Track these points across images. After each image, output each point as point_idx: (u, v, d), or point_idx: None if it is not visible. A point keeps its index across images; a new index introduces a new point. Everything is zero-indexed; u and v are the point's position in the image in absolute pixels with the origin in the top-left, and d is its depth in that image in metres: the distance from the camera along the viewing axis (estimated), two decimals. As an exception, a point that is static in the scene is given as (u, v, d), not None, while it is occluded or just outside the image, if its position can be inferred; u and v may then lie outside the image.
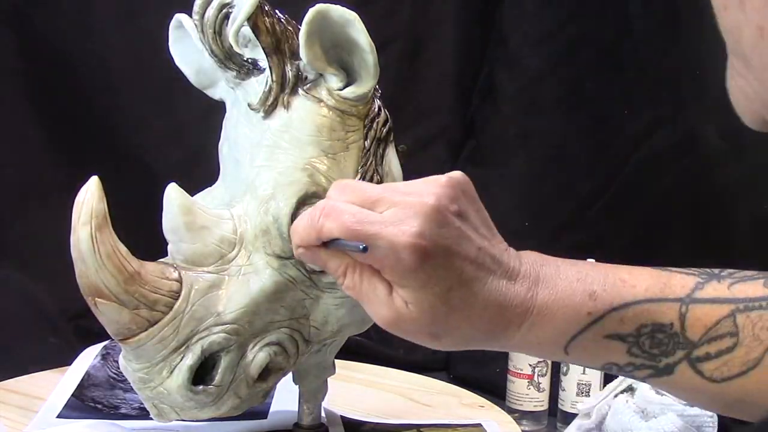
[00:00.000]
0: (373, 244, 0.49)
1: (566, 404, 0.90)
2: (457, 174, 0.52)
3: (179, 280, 0.58)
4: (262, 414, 0.77)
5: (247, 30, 0.60)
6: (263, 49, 0.60)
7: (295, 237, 0.54)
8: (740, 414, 0.54)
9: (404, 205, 0.49)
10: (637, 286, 0.52)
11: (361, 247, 0.49)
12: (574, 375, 0.89)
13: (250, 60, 0.63)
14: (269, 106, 0.61)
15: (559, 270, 0.52)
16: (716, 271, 0.53)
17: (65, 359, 0.90)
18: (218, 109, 0.68)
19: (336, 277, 0.53)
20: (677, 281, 0.52)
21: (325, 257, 0.53)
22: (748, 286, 0.52)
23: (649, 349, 0.51)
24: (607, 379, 0.85)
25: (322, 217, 0.51)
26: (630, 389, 0.73)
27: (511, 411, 0.91)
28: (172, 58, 0.67)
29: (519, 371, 0.91)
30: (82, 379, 0.84)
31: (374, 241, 0.49)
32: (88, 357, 0.88)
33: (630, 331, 0.51)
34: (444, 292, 0.49)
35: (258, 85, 0.62)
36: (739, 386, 0.51)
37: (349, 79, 0.61)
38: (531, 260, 0.53)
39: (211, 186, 0.66)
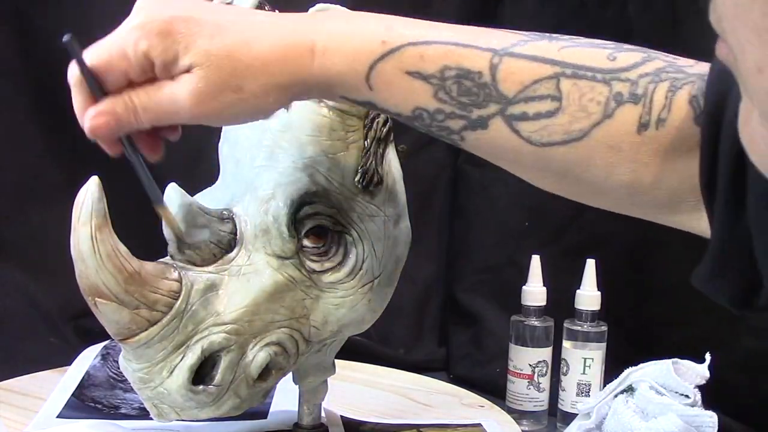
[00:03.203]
0: (129, 61, 0.49)
1: (566, 404, 0.90)
2: None
3: (179, 280, 0.58)
4: (262, 414, 0.77)
5: (247, 30, 0.60)
6: (263, 49, 0.60)
7: (76, 107, 0.52)
8: (574, 188, 0.51)
9: (124, 27, 0.50)
10: (443, 31, 0.49)
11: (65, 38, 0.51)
12: (574, 375, 0.89)
13: (250, 60, 0.63)
14: (269, 106, 0.61)
15: (353, 13, 0.52)
16: (556, 35, 0.50)
17: (65, 359, 0.90)
18: (218, 109, 0.67)
19: (130, 115, 0.50)
20: (495, 35, 0.49)
21: (111, 106, 0.50)
22: (585, 52, 0.48)
23: (457, 96, 0.48)
24: (607, 379, 0.85)
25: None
26: (630, 389, 0.73)
27: (511, 411, 0.91)
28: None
29: (519, 371, 0.91)
30: (82, 379, 0.84)
31: (125, 57, 0.49)
32: (88, 357, 0.89)
33: (433, 72, 0.48)
34: (209, 39, 0.48)
35: (258, 85, 0.62)
36: (561, 155, 0.48)
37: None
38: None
39: (211, 186, 0.66)
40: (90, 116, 0.50)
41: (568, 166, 0.49)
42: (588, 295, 0.90)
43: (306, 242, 0.61)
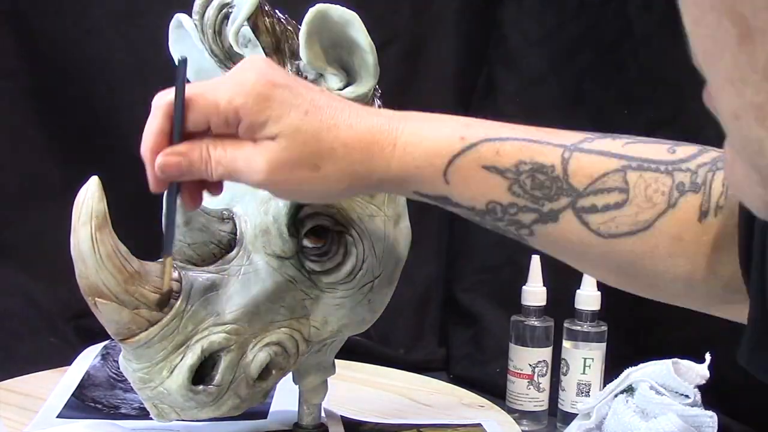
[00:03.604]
0: (217, 110, 0.49)
1: (566, 404, 0.90)
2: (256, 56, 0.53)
3: (179, 280, 0.58)
4: (262, 414, 0.77)
5: (247, 30, 0.60)
6: (263, 49, 0.60)
7: (145, 148, 0.52)
8: (633, 282, 0.52)
9: (227, 79, 0.51)
10: (518, 130, 0.51)
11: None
12: (574, 375, 0.89)
13: (250, 60, 0.63)
14: (269, 106, 0.61)
15: (429, 114, 0.53)
16: (617, 134, 0.51)
17: (65, 359, 0.90)
18: (218, 109, 0.67)
19: (202, 163, 0.51)
20: (565, 134, 0.51)
21: (185, 151, 0.51)
22: (648, 147, 0.50)
23: (531, 189, 0.49)
24: (607, 379, 0.85)
25: (158, 101, 0.51)
26: (630, 389, 0.73)
27: (511, 411, 0.91)
28: (172, 58, 0.67)
29: (519, 371, 0.91)
30: (82, 379, 0.84)
31: (215, 106, 0.49)
32: (88, 357, 0.89)
33: (509, 166, 0.49)
34: (302, 115, 0.49)
35: (258, 85, 0.62)
36: (626, 247, 0.49)
37: (349, 79, 0.61)
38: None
39: (211, 186, 0.66)
40: (165, 153, 0.51)
41: (631, 258, 0.49)
42: (588, 295, 0.90)
43: (306, 242, 0.61)
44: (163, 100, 0.51)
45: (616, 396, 0.74)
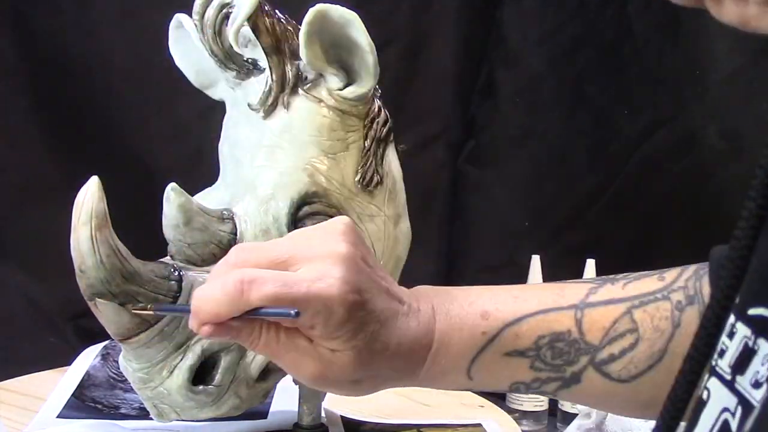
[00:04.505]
0: (305, 307, 0.45)
1: (566, 404, 0.90)
2: (345, 219, 0.50)
3: (179, 280, 0.58)
4: (262, 414, 0.77)
5: (247, 30, 0.60)
6: (263, 49, 0.60)
7: (205, 314, 0.45)
8: (654, 413, 0.53)
9: (318, 259, 0.46)
10: (529, 301, 0.52)
11: (293, 312, 0.44)
12: (574, 375, 0.89)
13: (250, 60, 0.63)
14: (269, 106, 0.61)
15: (450, 297, 0.52)
16: (611, 276, 0.54)
17: (65, 359, 0.90)
18: (218, 109, 0.68)
19: (248, 343, 0.47)
20: (570, 290, 0.53)
21: (237, 327, 0.46)
22: (642, 282, 0.52)
23: (551, 360, 0.51)
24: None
25: (245, 287, 0.44)
26: (630, 389, 0.73)
27: (511, 411, 0.91)
28: (172, 58, 0.67)
29: (519, 371, 0.91)
30: (82, 379, 0.84)
31: (306, 302, 0.45)
32: (88, 357, 0.88)
33: (529, 345, 0.51)
34: (368, 336, 0.47)
35: (258, 85, 0.62)
36: (649, 382, 0.51)
37: (349, 79, 0.61)
38: (424, 293, 0.52)
39: (211, 186, 0.66)
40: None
41: (655, 391, 0.50)
42: (588, 295, 0.90)
43: (306, 242, 0.61)
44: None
45: (616, 396, 0.74)
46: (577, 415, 0.77)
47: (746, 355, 0.37)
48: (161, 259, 0.60)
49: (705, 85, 0.95)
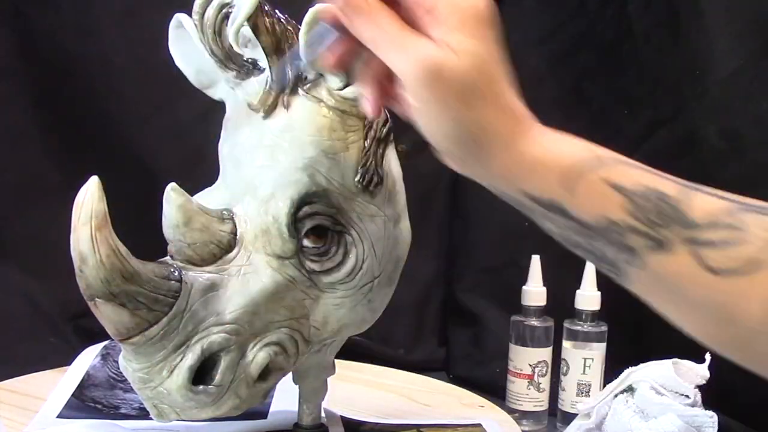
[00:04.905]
0: None
1: (566, 404, 0.90)
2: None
3: (179, 280, 0.58)
4: (262, 414, 0.77)
5: (247, 30, 0.60)
6: (263, 49, 0.60)
7: None
8: (717, 332, 0.50)
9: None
10: (642, 165, 0.51)
11: None
12: (574, 375, 0.89)
13: (250, 60, 0.63)
14: (269, 106, 0.61)
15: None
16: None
17: (65, 359, 0.90)
18: (218, 109, 0.68)
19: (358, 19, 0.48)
20: (681, 181, 0.51)
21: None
22: (756, 201, 0.50)
23: (650, 214, 0.49)
24: (607, 379, 0.85)
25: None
26: (630, 389, 0.73)
27: (511, 411, 0.91)
28: (172, 58, 0.67)
29: (519, 371, 0.91)
30: (82, 379, 0.84)
31: None
32: (88, 357, 0.89)
33: (633, 189, 0.49)
34: (485, 54, 0.48)
35: (258, 85, 0.62)
36: (736, 286, 0.47)
37: (349, 79, 0.61)
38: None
39: (211, 186, 0.66)
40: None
41: (733, 299, 0.48)
42: (588, 295, 0.90)
43: (306, 242, 0.61)
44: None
45: (616, 396, 0.74)
46: (577, 415, 0.77)
47: None
48: (161, 259, 0.60)
49: (705, 85, 0.95)
